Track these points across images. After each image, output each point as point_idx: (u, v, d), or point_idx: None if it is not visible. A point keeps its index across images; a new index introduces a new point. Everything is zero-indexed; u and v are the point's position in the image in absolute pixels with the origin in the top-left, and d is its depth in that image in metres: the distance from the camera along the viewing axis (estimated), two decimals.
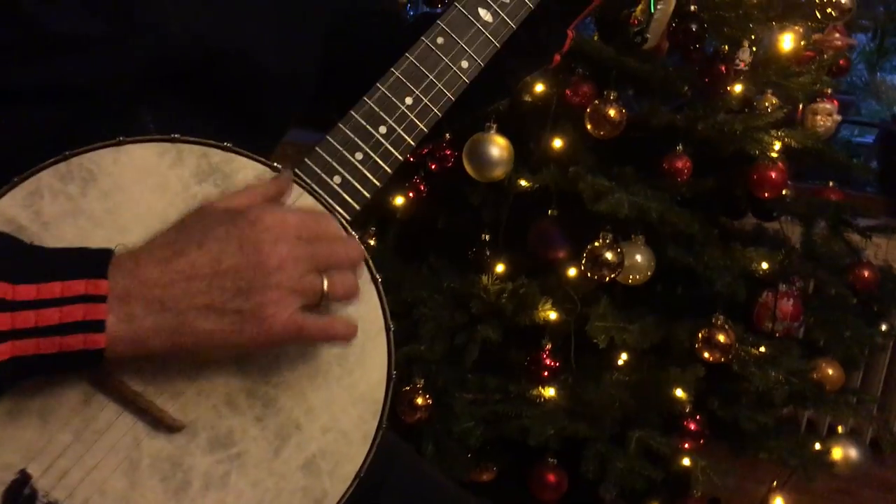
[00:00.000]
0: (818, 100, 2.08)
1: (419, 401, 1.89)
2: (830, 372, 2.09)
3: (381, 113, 0.93)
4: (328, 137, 0.91)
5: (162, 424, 0.80)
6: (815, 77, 2.00)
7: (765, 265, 1.92)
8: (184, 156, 0.84)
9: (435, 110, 0.94)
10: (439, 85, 0.94)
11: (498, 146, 1.91)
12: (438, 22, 0.94)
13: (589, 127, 1.88)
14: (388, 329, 0.90)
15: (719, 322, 1.85)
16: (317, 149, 0.91)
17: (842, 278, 2.15)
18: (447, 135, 2.07)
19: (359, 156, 0.92)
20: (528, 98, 1.99)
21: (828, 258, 2.26)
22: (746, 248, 1.97)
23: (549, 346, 1.93)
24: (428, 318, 1.95)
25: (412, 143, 0.94)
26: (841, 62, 2.17)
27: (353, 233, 0.90)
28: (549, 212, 1.99)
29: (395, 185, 2.19)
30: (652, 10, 1.71)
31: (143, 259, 0.74)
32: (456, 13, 0.95)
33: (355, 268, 0.84)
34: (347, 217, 0.90)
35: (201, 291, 0.74)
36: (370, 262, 0.90)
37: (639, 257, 1.87)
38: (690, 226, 1.87)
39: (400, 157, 0.94)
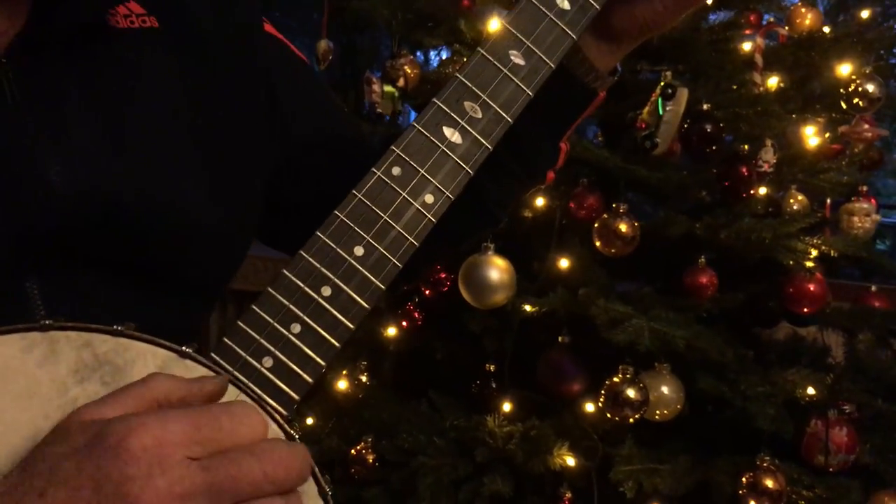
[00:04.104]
0: (853, 199, 1.87)
1: None
2: None
3: (324, 269, 0.71)
4: (254, 307, 0.70)
5: None
6: (847, 173, 1.79)
7: (811, 390, 1.67)
8: (59, 348, 0.63)
9: (394, 260, 0.73)
10: (398, 228, 0.73)
11: (497, 269, 1.70)
12: (393, 148, 0.74)
13: (598, 244, 1.67)
14: None
15: (766, 463, 1.59)
16: (239, 323, 0.69)
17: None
18: None
19: (296, 328, 0.70)
20: (528, 214, 1.79)
21: (875, 371, 2.01)
22: (787, 371, 1.72)
23: (568, 496, 1.67)
24: (428, 469, 1.70)
25: (366, 304, 0.72)
26: (871, 154, 1.97)
27: (293, 431, 0.67)
28: (560, 339, 1.78)
29: (387, 314, 1.97)
30: (661, 113, 1.52)
31: None
32: (414, 136, 0.74)
33: (287, 490, 0.60)
34: (284, 413, 0.68)
35: None
36: (317, 471, 0.66)
37: (665, 389, 1.63)
38: (723, 353, 1.63)
39: (351, 326, 0.72)
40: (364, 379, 1.98)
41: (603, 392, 1.59)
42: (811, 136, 1.81)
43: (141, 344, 0.66)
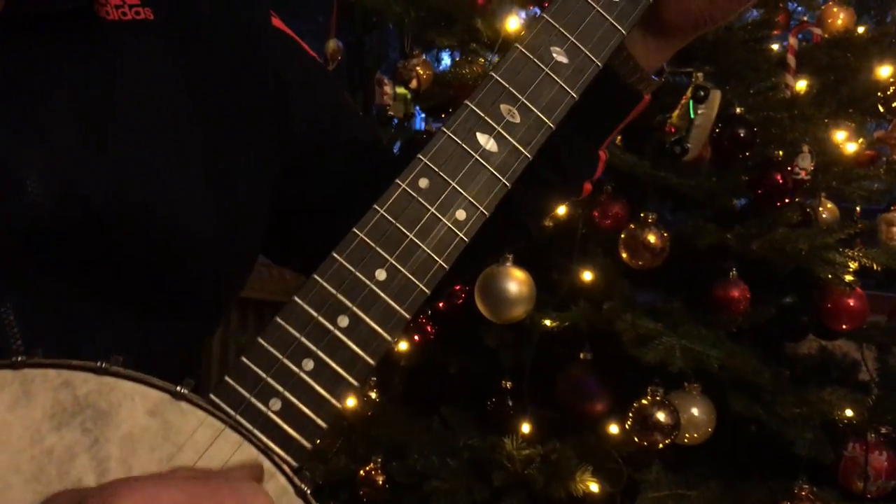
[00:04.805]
0: (893, 208, 1.77)
1: None
2: None
3: (340, 296, 0.62)
4: (260, 340, 0.61)
5: None
6: (885, 181, 1.70)
7: (849, 412, 1.58)
8: (33, 388, 0.55)
9: (421, 286, 0.64)
10: (425, 248, 0.64)
11: (516, 281, 1.61)
12: (420, 157, 0.65)
13: (624, 255, 1.58)
14: None
15: (804, 492, 1.49)
16: (242, 359, 0.60)
17: None
18: None
19: (308, 365, 0.61)
20: (549, 222, 1.69)
21: None
22: (823, 390, 1.63)
23: None
24: (441, 493, 1.61)
25: (388, 337, 0.63)
26: None
27: (304, 486, 0.58)
28: (581, 355, 1.68)
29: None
30: (692, 116, 1.43)
31: None
32: (444, 143, 0.65)
33: None
34: (294, 464, 0.59)
35: None
36: None
37: (695, 411, 1.53)
38: (760, 373, 1.53)
39: (371, 361, 0.63)
40: (373, 395, 1.89)
41: (630, 415, 1.50)
42: (847, 141, 1.72)
43: (128, 383, 0.57)
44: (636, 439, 1.49)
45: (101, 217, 0.63)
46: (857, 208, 2.05)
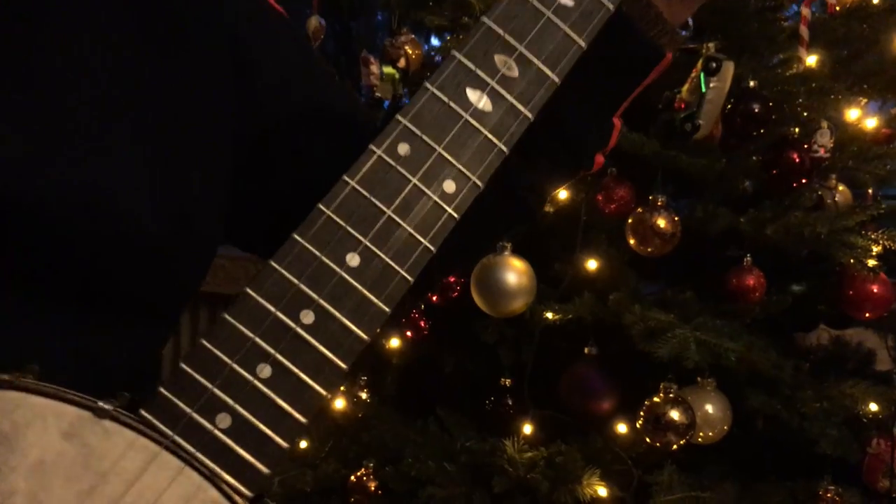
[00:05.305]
0: None
1: None
2: None
3: (304, 287, 0.52)
4: (204, 342, 0.51)
5: None
6: None
7: (874, 406, 1.48)
8: None
9: (402, 272, 0.54)
10: (407, 227, 0.54)
11: (515, 272, 1.51)
12: (399, 117, 0.54)
13: (632, 242, 1.47)
14: None
15: (829, 493, 1.39)
16: (182, 365, 0.50)
17: None
18: None
19: (265, 371, 0.51)
20: (549, 208, 1.59)
21: None
22: (844, 383, 1.53)
23: None
24: (438, 500, 1.52)
25: (364, 335, 0.53)
26: None
27: None
28: (586, 350, 1.59)
29: (388, 322, 1.78)
30: (704, 90, 1.32)
31: None
32: (428, 101, 0.55)
33: None
34: (247, 493, 0.49)
35: None
36: None
37: (710, 408, 1.43)
38: (780, 367, 1.43)
39: (343, 365, 0.53)
40: (364, 396, 1.80)
41: (642, 414, 1.40)
42: (866, 118, 1.61)
43: (39, 399, 0.47)
44: (648, 440, 1.39)
45: (20, 206, 0.54)
46: (870, 190, 1.95)
